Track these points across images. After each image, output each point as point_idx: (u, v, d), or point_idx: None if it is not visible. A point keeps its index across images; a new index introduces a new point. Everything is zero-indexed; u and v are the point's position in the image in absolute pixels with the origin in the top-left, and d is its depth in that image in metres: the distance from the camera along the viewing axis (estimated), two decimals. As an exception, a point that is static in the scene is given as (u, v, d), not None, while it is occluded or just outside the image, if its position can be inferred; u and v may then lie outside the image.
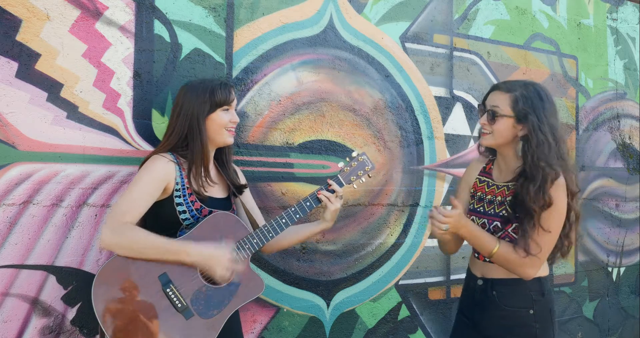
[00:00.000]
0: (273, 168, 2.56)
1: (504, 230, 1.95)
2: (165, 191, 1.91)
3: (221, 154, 2.10)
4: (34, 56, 1.98)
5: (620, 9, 3.92)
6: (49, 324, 2.02)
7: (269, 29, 2.54)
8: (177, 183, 1.92)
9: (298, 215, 2.01)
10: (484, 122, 2.00)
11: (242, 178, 2.20)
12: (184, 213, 1.92)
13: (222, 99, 1.97)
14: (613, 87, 3.87)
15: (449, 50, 3.10)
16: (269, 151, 2.55)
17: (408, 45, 2.96)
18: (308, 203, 2.02)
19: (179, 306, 1.82)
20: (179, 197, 1.92)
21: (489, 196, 2.04)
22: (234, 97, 2.02)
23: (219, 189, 2.05)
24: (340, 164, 2.10)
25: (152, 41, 2.24)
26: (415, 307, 2.99)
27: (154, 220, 1.94)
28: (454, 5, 3.13)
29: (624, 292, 3.94)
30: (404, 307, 2.95)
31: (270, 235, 1.97)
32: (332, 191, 2.03)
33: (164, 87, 2.26)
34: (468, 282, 2.12)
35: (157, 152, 1.96)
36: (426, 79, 3.01)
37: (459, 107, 3.14)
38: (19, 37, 1.95)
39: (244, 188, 2.14)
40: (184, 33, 2.32)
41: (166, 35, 2.28)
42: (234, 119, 2.01)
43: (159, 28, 2.26)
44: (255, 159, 2.51)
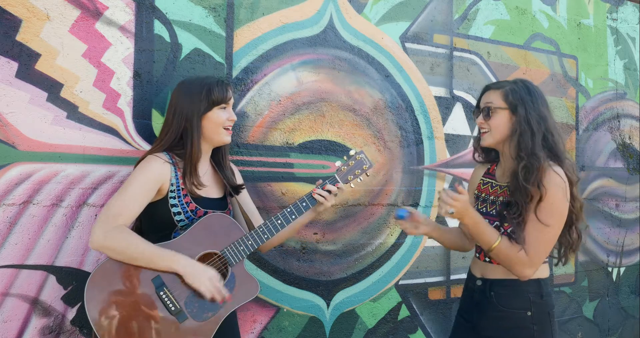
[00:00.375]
0: (273, 168, 2.56)
1: (503, 230, 1.94)
2: (159, 192, 1.88)
3: (218, 153, 2.07)
4: (34, 56, 1.98)
5: (620, 9, 3.92)
6: (49, 324, 2.02)
7: (269, 29, 2.54)
8: (172, 184, 1.90)
9: (294, 216, 1.98)
10: (481, 121, 2.00)
11: (239, 178, 2.17)
12: (179, 214, 1.89)
13: (219, 97, 1.94)
14: (613, 87, 3.86)
15: (449, 50, 3.10)
16: (269, 151, 2.55)
17: (408, 45, 2.96)
18: (304, 204, 2.00)
19: (173, 309, 1.79)
20: (174, 198, 1.89)
21: (491, 197, 2.04)
22: (231, 95, 1.99)
23: (215, 189, 2.03)
24: (338, 163, 2.06)
25: (152, 41, 2.24)
26: (415, 307, 2.98)
27: (149, 221, 1.93)
28: (454, 5, 3.13)
29: (624, 292, 3.94)
30: (404, 307, 2.94)
31: (266, 236, 1.95)
32: (329, 191, 2.01)
33: (164, 87, 2.26)
34: (467, 283, 2.12)
35: (152, 152, 1.93)
36: (426, 79, 3.01)
37: (459, 107, 3.13)
38: (19, 37, 1.95)
39: (241, 188, 2.11)
40: (184, 33, 2.32)
41: (166, 35, 2.28)
42: (231, 118, 1.98)
43: (159, 28, 2.26)
44: (255, 159, 2.51)
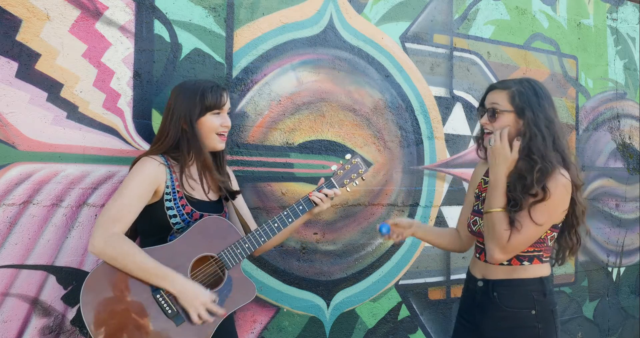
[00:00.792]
0: (273, 168, 2.56)
1: None
2: (155, 194, 1.87)
3: (215, 158, 2.05)
4: (34, 56, 1.98)
5: (620, 9, 3.92)
6: (49, 324, 2.02)
7: (269, 29, 2.54)
8: (168, 186, 1.89)
9: (290, 219, 1.99)
10: (485, 121, 1.97)
11: (235, 184, 2.16)
12: (175, 217, 1.89)
13: (212, 102, 1.91)
14: (613, 87, 3.86)
15: (449, 50, 3.10)
16: (269, 151, 2.55)
17: (408, 45, 2.96)
18: (301, 207, 2.00)
19: (169, 312, 1.79)
20: (170, 201, 1.89)
21: None
22: (226, 101, 1.96)
23: (210, 192, 2.03)
24: (334, 168, 2.07)
25: (152, 41, 2.24)
26: (415, 307, 2.98)
27: (145, 223, 1.91)
28: (454, 5, 3.13)
29: (624, 292, 3.94)
30: (404, 307, 2.94)
31: (262, 239, 1.95)
32: (325, 194, 2.02)
33: (164, 87, 2.26)
34: (468, 284, 2.10)
35: (148, 154, 1.91)
36: (426, 79, 3.01)
37: (459, 107, 3.13)
38: (19, 37, 1.95)
39: (237, 194, 2.10)
40: (184, 33, 2.31)
41: (166, 35, 2.28)
42: (225, 124, 1.95)
43: (159, 28, 2.26)
44: (255, 159, 2.51)
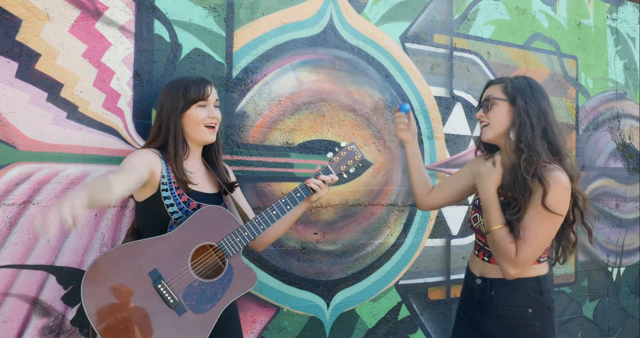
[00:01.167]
0: (273, 168, 2.56)
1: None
2: (151, 184, 1.90)
3: (210, 152, 2.08)
4: (34, 56, 1.98)
5: (620, 9, 3.92)
6: (49, 324, 2.02)
7: (269, 29, 2.54)
8: (164, 177, 1.91)
9: (289, 206, 1.99)
10: (480, 114, 2.00)
11: (232, 176, 2.18)
12: (172, 206, 1.91)
13: (195, 95, 1.95)
14: (613, 87, 3.86)
15: (449, 50, 3.10)
16: (269, 151, 2.55)
17: (408, 45, 2.96)
18: (298, 194, 2.01)
19: (171, 302, 1.80)
20: (166, 191, 1.91)
21: None
22: (210, 93, 1.98)
23: (208, 185, 2.05)
24: (329, 155, 2.09)
25: (152, 41, 2.24)
26: (415, 307, 2.98)
27: (145, 219, 1.96)
28: (454, 5, 3.13)
29: (624, 292, 3.94)
30: (404, 307, 2.94)
31: (262, 227, 1.95)
32: (323, 181, 2.03)
33: (164, 87, 2.26)
34: (467, 281, 2.12)
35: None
36: (426, 79, 3.01)
37: (459, 107, 3.13)
38: (19, 37, 1.95)
39: (234, 186, 2.12)
40: (184, 33, 2.31)
41: (166, 35, 2.28)
42: (212, 115, 1.98)
43: (159, 28, 2.26)
44: (255, 159, 2.51)
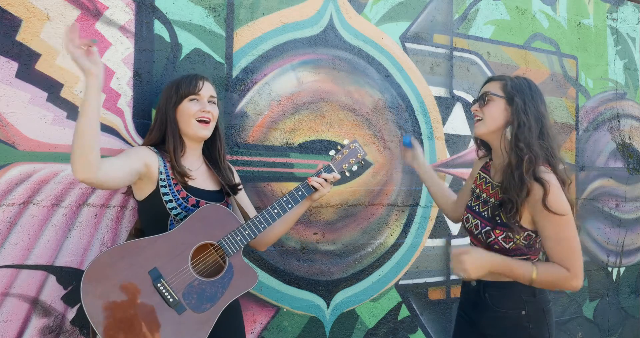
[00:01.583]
0: (273, 168, 2.56)
1: (494, 236, 1.91)
2: (150, 179, 1.91)
3: (214, 152, 2.09)
4: (34, 56, 1.98)
5: (620, 9, 3.92)
6: (49, 324, 2.02)
7: (269, 29, 2.54)
8: (162, 173, 1.92)
9: (290, 205, 1.99)
10: (475, 108, 1.99)
11: (237, 178, 2.19)
12: (170, 202, 1.91)
13: (186, 89, 1.97)
14: (613, 87, 3.86)
15: (449, 50, 3.10)
16: (269, 151, 2.55)
17: (408, 45, 2.96)
18: (300, 192, 2.01)
19: (171, 301, 1.80)
20: (165, 187, 1.92)
21: (484, 195, 2.02)
22: (202, 87, 1.99)
23: (209, 182, 2.05)
24: (332, 152, 2.09)
25: (152, 41, 2.24)
26: (415, 307, 2.98)
27: (146, 217, 1.98)
28: (454, 5, 3.13)
29: (624, 292, 3.94)
30: (404, 307, 2.94)
31: (262, 225, 1.94)
32: (325, 179, 2.03)
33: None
34: (464, 282, 2.11)
35: None
36: (426, 79, 3.01)
37: (459, 107, 3.13)
38: (19, 37, 1.95)
39: (238, 189, 2.11)
40: (184, 33, 2.31)
41: (166, 35, 2.27)
42: (203, 109, 1.98)
43: (159, 28, 2.26)
44: (255, 159, 2.51)
